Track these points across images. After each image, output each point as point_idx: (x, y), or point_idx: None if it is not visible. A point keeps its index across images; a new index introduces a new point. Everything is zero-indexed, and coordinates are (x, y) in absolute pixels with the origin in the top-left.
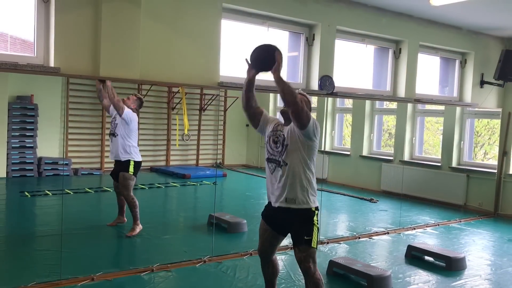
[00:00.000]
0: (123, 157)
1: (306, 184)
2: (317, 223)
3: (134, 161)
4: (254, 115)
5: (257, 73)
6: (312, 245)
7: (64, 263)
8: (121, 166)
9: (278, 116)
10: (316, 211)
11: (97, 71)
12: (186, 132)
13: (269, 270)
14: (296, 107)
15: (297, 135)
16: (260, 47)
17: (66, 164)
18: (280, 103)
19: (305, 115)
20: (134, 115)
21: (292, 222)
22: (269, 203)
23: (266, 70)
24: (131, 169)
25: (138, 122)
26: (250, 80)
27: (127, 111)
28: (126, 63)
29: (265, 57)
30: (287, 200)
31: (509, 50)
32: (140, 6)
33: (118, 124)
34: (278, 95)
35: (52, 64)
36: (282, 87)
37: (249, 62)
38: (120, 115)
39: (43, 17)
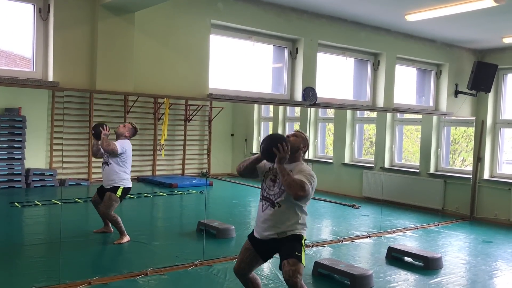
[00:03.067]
0: (113, 185)
1: (297, 222)
2: (304, 247)
3: (124, 188)
4: (252, 173)
5: (267, 161)
6: (302, 261)
7: (61, 269)
8: (110, 188)
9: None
10: (304, 238)
11: (94, 84)
12: (162, 141)
13: (250, 285)
14: (296, 197)
15: None
16: (269, 138)
17: (51, 175)
18: (265, 113)
19: (305, 198)
20: (128, 144)
21: (281, 242)
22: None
23: (273, 161)
24: (119, 193)
25: (131, 150)
26: (258, 159)
27: (120, 145)
28: (121, 77)
29: (271, 149)
30: (278, 235)
31: (481, 62)
32: (134, 23)
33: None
34: (263, 107)
35: (51, 78)
36: (282, 180)
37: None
38: (119, 156)
39: (42, 34)
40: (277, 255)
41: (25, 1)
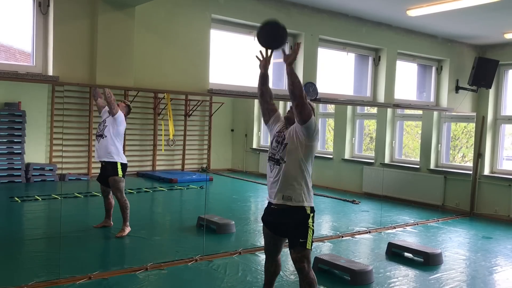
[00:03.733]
0: (110, 159)
1: (302, 183)
2: (312, 225)
3: (121, 163)
4: (268, 111)
5: (269, 56)
6: (307, 247)
7: (62, 263)
8: (108, 170)
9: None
10: (312, 214)
11: (94, 79)
12: (171, 137)
13: (272, 269)
14: (301, 100)
15: (297, 135)
16: (268, 27)
17: (51, 170)
18: None
19: (307, 110)
20: (124, 119)
21: (288, 224)
22: (267, 205)
23: (277, 48)
24: (120, 172)
25: (125, 127)
26: (263, 75)
27: (121, 113)
28: (121, 72)
29: (275, 35)
30: (284, 197)
31: (481, 58)
32: (134, 18)
33: (107, 126)
34: (259, 102)
35: (50, 73)
36: (293, 80)
37: (262, 56)
38: (114, 114)
39: (41, 29)
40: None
41: None
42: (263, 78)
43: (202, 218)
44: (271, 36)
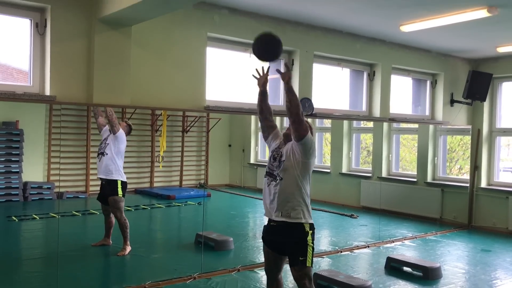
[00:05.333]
0: (110, 176)
1: (300, 200)
2: (312, 243)
3: (122, 181)
4: (267, 128)
5: (266, 73)
6: (307, 264)
7: (60, 283)
8: (108, 189)
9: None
10: (311, 231)
11: (91, 98)
12: (161, 153)
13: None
14: (297, 118)
15: (294, 152)
16: (263, 40)
17: (49, 188)
18: None
19: (303, 127)
20: (125, 138)
21: (288, 243)
22: (267, 223)
23: (273, 59)
24: (120, 191)
25: (125, 146)
26: (262, 92)
27: (122, 131)
28: (118, 90)
29: (269, 50)
30: (282, 214)
31: (475, 71)
32: (131, 37)
33: (109, 144)
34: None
35: (48, 92)
36: (291, 98)
37: (259, 73)
38: (115, 132)
39: (38, 49)
40: None
41: (22, 16)
42: (262, 95)
43: (200, 235)
44: (266, 48)
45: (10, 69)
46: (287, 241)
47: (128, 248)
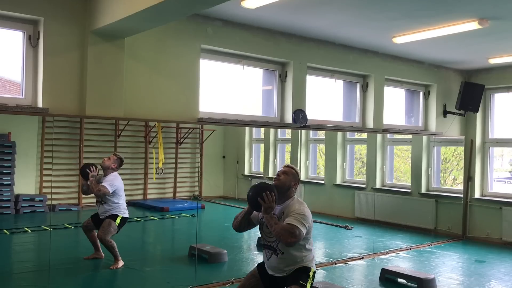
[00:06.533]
0: (113, 212)
1: (303, 259)
2: (312, 280)
3: (122, 217)
4: (249, 225)
5: (254, 210)
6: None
7: None
8: (108, 216)
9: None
10: (313, 271)
11: (84, 110)
12: (160, 165)
13: None
14: (287, 243)
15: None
16: (254, 188)
17: (41, 200)
18: (256, 135)
19: (297, 241)
20: (117, 179)
21: (287, 279)
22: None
23: (260, 210)
24: (118, 221)
25: (122, 183)
26: (249, 212)
27: (110, 185)
28: (111, 102)
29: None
30: (286, 272)
31: (468, 82)
32: (124, 49)
33: None
34: (254, 129)
35: (40, 105)
36: (271, 230)
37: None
38: (105, 195)
39: (31, 61)
40: None
41: (15, 28)
42: (247, 214)
43: (193, 247)
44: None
45: (3, 81)
46: (287, 278)
47: (120, 263)
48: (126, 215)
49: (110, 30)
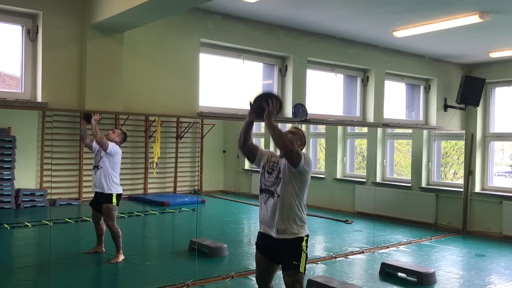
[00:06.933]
0: (107, 190)
1: (297, 216)
2: (306, 249)
3: (117, 194)
4: (251, 152)
5: (256, 117)
6: (300, 270)
7: None
8: (103, 198)
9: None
10: (306, 237)
11: (83, 105)
12: (155, 159)
13: None
14: (286, 149)
15: (290, 169)
16: (261, 95)
17: (42, 195)
18: (257, 129)
19: (295, 155)
20: (118, 149)
21: (283, 249)
22: (261, 232)
23: (261, 116)
24: (114, 200)
25: (121, 155)
26: (250, 122)
27: (111, 145)
28: (110, 97)
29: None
30: (278, 231)
31: (468, 76)
32: (123, 43)
33: (103, 157)
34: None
35: (39, 99)
36: (271, 133)
37: (252, 105)
38: (105, 150)
39: (30, 55)
40: None
41: (14, 22)
42: (249, 125)
43: (194, 241)
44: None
45: (2, 75)
46: (282, 247)
47: (121, 257)
48: (120, 191)
49: (109, 24)
